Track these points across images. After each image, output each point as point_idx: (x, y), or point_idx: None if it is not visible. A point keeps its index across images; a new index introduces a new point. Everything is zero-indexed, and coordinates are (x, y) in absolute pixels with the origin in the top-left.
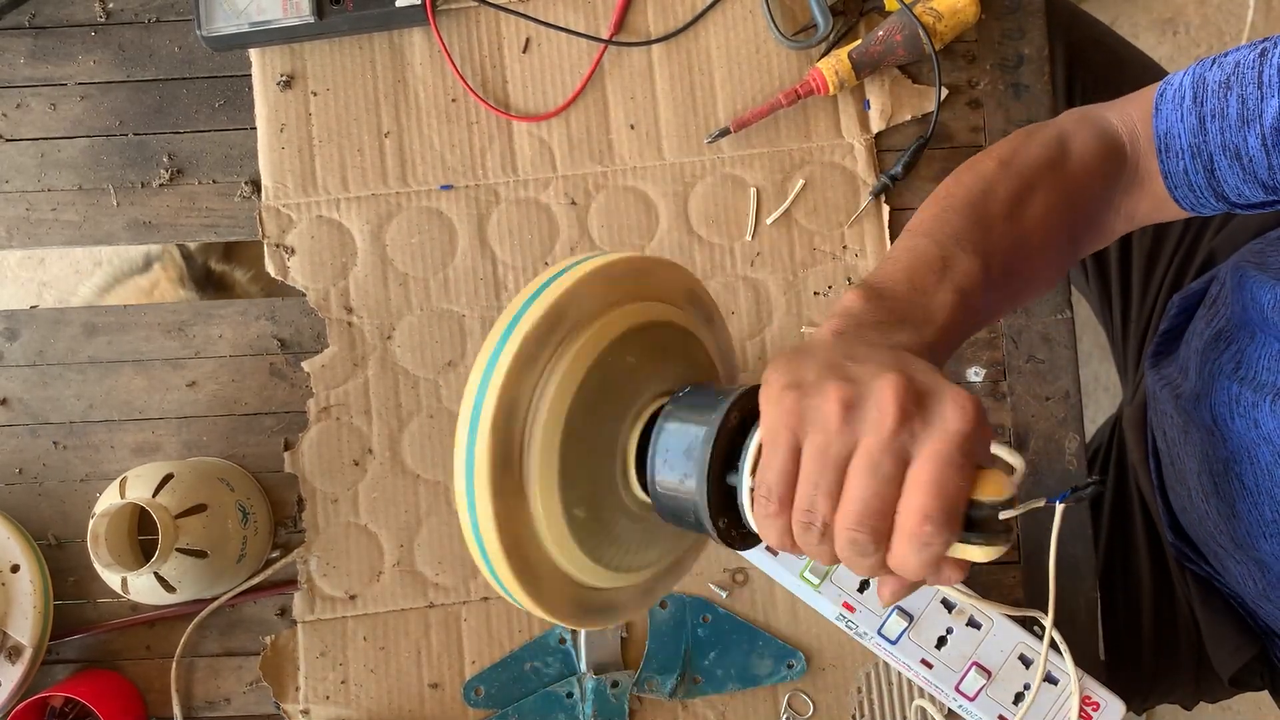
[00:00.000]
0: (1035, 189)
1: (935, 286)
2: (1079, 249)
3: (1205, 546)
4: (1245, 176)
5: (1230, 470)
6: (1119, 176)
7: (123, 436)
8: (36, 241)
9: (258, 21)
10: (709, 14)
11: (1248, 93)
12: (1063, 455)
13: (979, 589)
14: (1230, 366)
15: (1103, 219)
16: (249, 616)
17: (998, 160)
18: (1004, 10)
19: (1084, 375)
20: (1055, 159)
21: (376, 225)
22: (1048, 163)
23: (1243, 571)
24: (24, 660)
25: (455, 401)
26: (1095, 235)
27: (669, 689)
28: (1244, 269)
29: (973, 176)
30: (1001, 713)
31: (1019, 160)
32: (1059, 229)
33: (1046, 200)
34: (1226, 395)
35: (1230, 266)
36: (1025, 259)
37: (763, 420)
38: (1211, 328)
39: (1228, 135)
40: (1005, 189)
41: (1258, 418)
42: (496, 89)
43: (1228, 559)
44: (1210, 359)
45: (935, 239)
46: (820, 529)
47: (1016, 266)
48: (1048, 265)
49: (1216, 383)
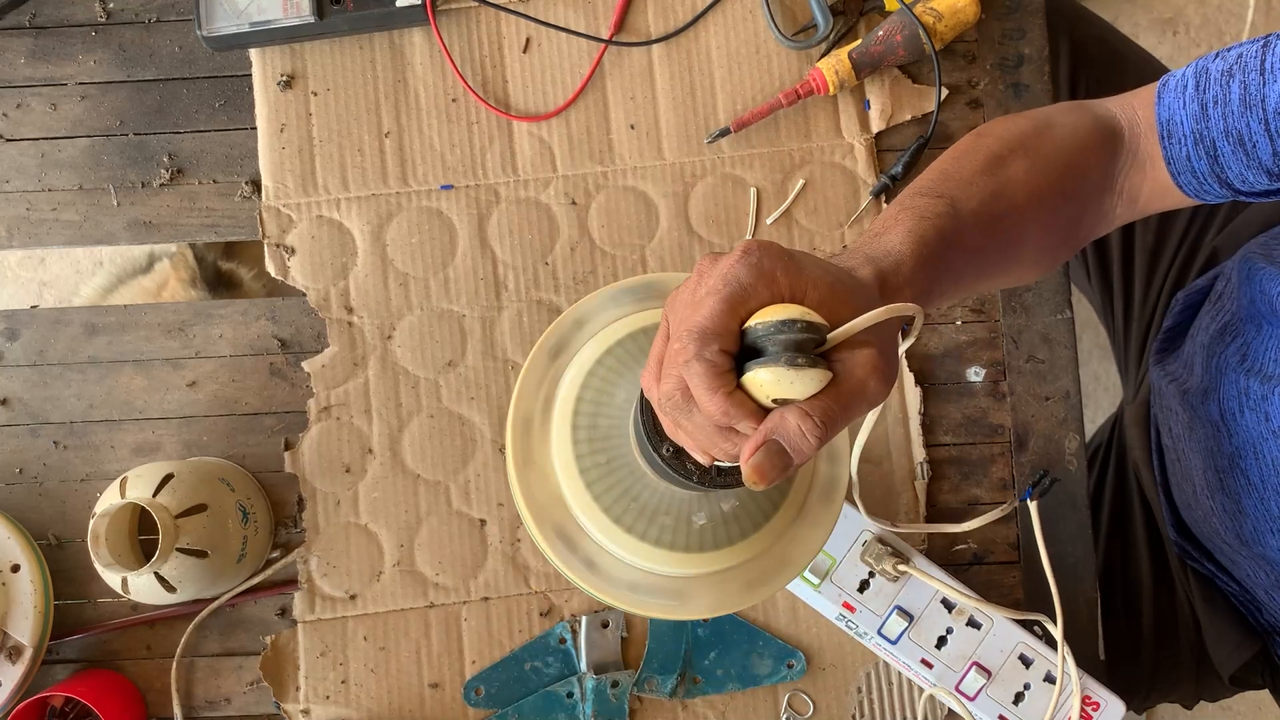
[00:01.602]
0: (1015, 151)
1: (894, 225)
2: (1078, 229)
3: (1210, 544)
4: (1249, 162)
5: (1236, 465)
6: (1116, 155)
7: (123, 436)
8: (37, 241)
9: (258, 21)
10: (709, 14)
11: (1250, 79)
12: (1063, 455)
13: (979, 589)
14: (1236, 359)
15: (1102, 199)
16: (249, 616)
17: (975, 132)
18: (1004, 10)
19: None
20: (1039, 128)
21: (377, 225)
22: (1031, 130)
23: (1252, 567)
24: (24, 660)
25: (455, 401)
26: (1095, 218)
27: (669, 689)
28: (1252, 261)
29: (949, 149)
30: (1001, 713)
31: (998, 128)
32: (1048, 191)
33: (1030, 162)
34: (1235, 389)
35: (1236, 260)
36: (1010, 210)
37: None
38: (1217, 322)
39: (1230, 121)
40: (982, 149)
41: (1268, 410)
42: (497, 89)
43: (1234, 555)
44: (1216, 352)
45: (900, 199)
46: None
47: (998, 212)
48: (1041, 227)
49: (1224, 376)
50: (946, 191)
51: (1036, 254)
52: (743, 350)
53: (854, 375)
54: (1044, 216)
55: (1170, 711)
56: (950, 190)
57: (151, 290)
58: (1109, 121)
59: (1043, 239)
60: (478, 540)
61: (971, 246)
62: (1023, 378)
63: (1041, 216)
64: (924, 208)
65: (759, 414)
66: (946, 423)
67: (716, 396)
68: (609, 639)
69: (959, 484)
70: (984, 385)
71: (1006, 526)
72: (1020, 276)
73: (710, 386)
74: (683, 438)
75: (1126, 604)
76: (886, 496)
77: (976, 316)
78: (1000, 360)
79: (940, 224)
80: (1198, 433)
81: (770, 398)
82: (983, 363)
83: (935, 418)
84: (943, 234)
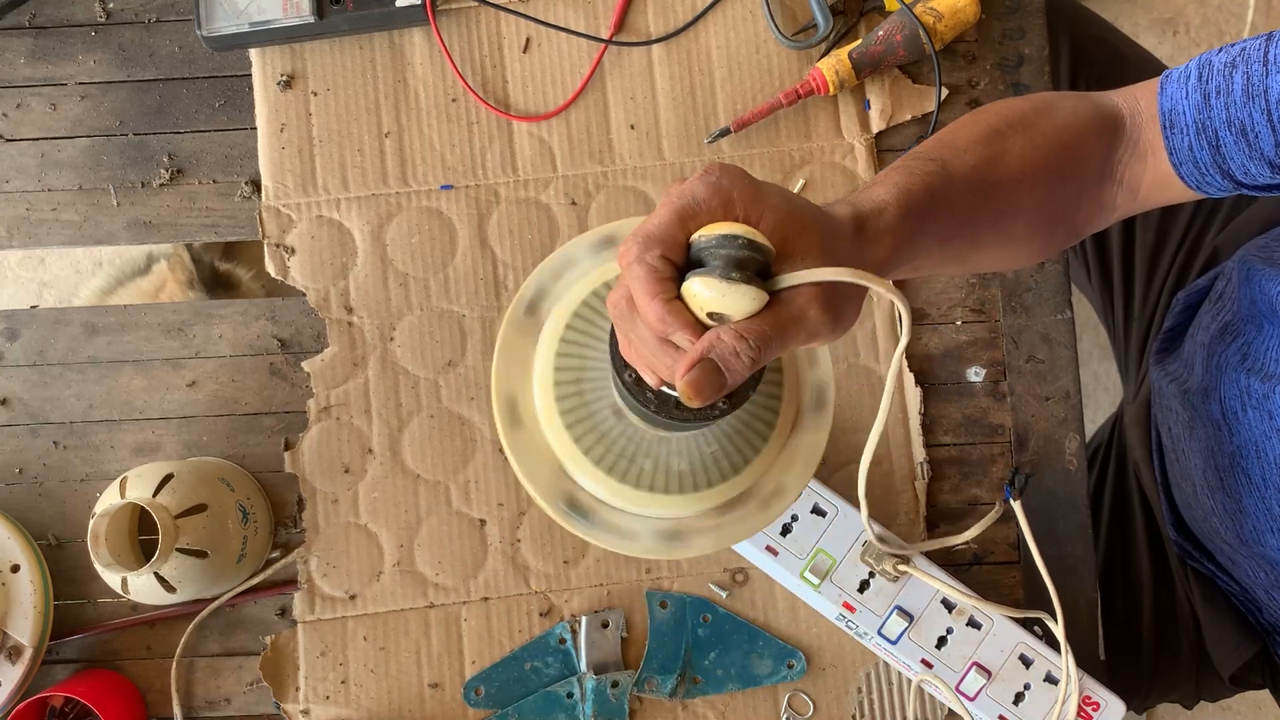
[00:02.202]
0: (1013, 127)
1: (883, 180)
2: (1074, 213)
3: (1210, 543)
4: (1251, 153)
5: (1236, 465)
6: (1115, 142)
7: (123, 436)
8: (37, 241)
9: (258, 21)
10: (709, 14)
11: (1253, 70)
12: (1062, 455)
13: (979, 589)
14: (1237, 358)
15: (1100, 186)
16: (249, 616)
17: (975, 110)
18: (1004, 10)
19: (1084, 375)
20: (1039, 109)
21: (376, 225)
22: (1030, 110)
23: (1252, 566)
24: (24, 660)
25: (455, 401)
26: (1094, 205)
27: (669, 689)
28: (1250, 263)
29: (949, 124)
30: (1002, 713)
31: (998, 106)
32: (1044, 167)
33: (1028, 139)
34: (1236, 388)
35: (1236, 261)
36: (1004, 179)
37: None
38: (1218, 322)
39: (1233, 111)
40: (980, 122)
41: (1270, 409)
42: (497, 89)
43: (1234, 555)
44: (1217, 352)
45: (894, 163)
46: (611, 311)
47: (991, 179)
48: (1035, 202)
49: (1225, 376)
50: (939, 155)
51: (1029, 230)
52: (690, 266)
53: (794, 301)
54: (1038, 192)
55: (1170, 711)
56: (943, 154)
57: (149, 292)
58: (1110, 110)
59: (1036, 215)
60: (478, 540)
61: (961, 209)
62: (1023, 378)
63: (1036, 191)
64: (915, 167)
65: (696, 328)
66: (946, 423)
67: (654, 303)
68: (609, 639)
69: (959, 484)
70: (984, 385)
71: (1007, 526)
72: (1014, 254)
73: (649, 291)
74: (633, 356)
75: (1126, 604)
76: (886, 497)
77: (976, 316)
78: (1000, 360)
79: (930, 181)
80: (1198, 432)
81: (706, 311)
82: (983, 363)
83: (935, 418)
84: (931, 190)
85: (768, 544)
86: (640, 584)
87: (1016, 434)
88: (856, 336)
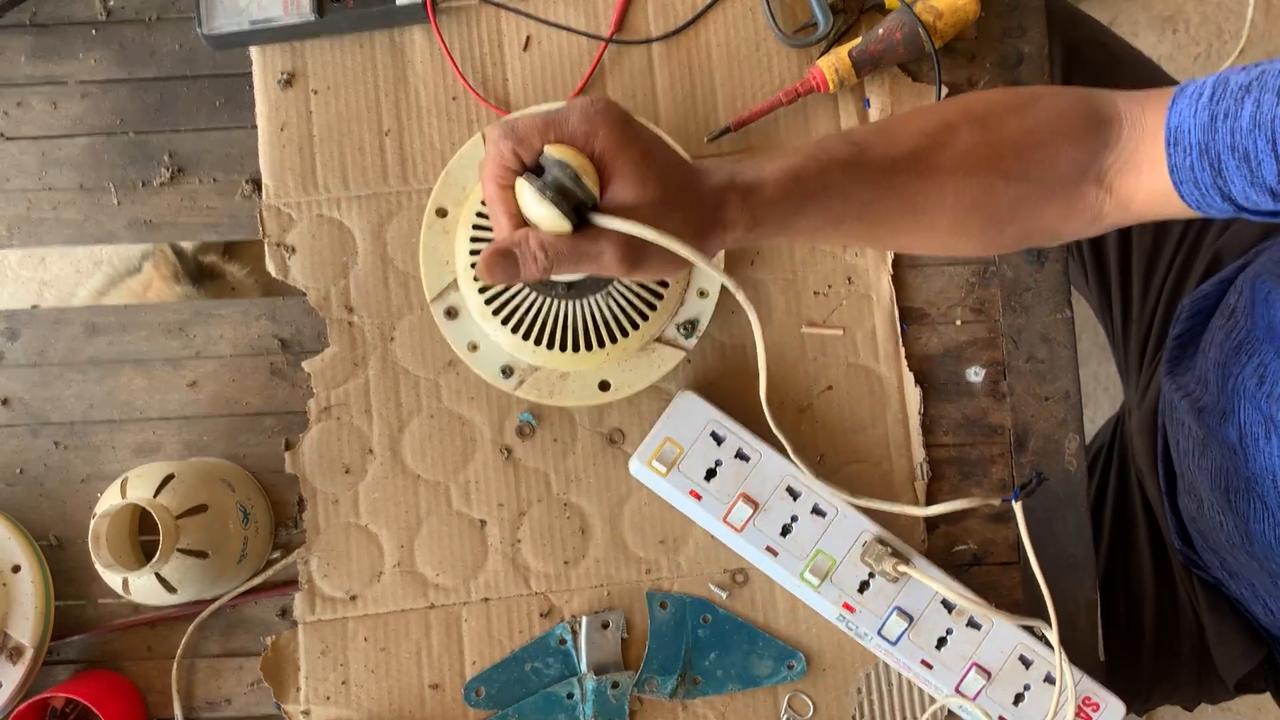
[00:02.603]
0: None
1: (789, 155)
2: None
3: (1216, 553)
4: (1253, 180)
5: (1252, 490)
6: (1099, 149)
7: (123, 437)
8: (37, 240)
9: (258, 20)
10: (709, 12)
11: (1264, 98)
12: (1062, 455)
13: (979, 590)
14: (1254, 383)
15: (1069, 190)
16: (250, 617)
17: (957, 96)
18: (1004, 8)
19: (1084, 375)
20: (1015, 106)
21: (377, 224)
22: (1003, 107)
23: (1261, 580)
24: (25, 661)
25: (455, 401)
26: (1070, 212)
27: (669, 690)
28: (1268, 284)
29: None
30: (1001, 713)
31: (974, 97)
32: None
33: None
34: (1259, 414)
35: (1249, 278)
36: (925, 174)
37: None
38: (1231, 339)
39: (1238, 137)
40: (940, 112)
41: None
42: (497, 87)
43: (1242, 569)
44: (1233, 373)
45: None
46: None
47: (909, 173)
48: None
49: (1243, 400)
50: (865, 140)
51: (956, 225)
52: (537, 171)
53: (599, 239)
54: (967, 192)
55: (1170, 711)
56: (871, 140)
57: (138, 291)
58: (1104, 114)
59: (965, 211)
60: (478, 541)
61: (861, 197)
62: (1022, 378)
63: (964, 191)
64: (826, 147)
65: (516, 219)
66: (946, 423)
67: (490, 185)
68: (609, 640)
69: (959, 484)
70: (984, 385)
71: (1006, 527)
72: (947, 245)
73: (490, 173)
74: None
75: (1128, 606)
76: (886, 497)
77: (976, 316)
78: (1000, 360)
79: (829, 166)
80: (1211, 451)
81: (522, 211)
82: (982, 363)
83: (935, 418)
84: (825, 176)
85: (767, 544)
86: (640, 585)
87: (1016, 434)
88: (856, 336)
